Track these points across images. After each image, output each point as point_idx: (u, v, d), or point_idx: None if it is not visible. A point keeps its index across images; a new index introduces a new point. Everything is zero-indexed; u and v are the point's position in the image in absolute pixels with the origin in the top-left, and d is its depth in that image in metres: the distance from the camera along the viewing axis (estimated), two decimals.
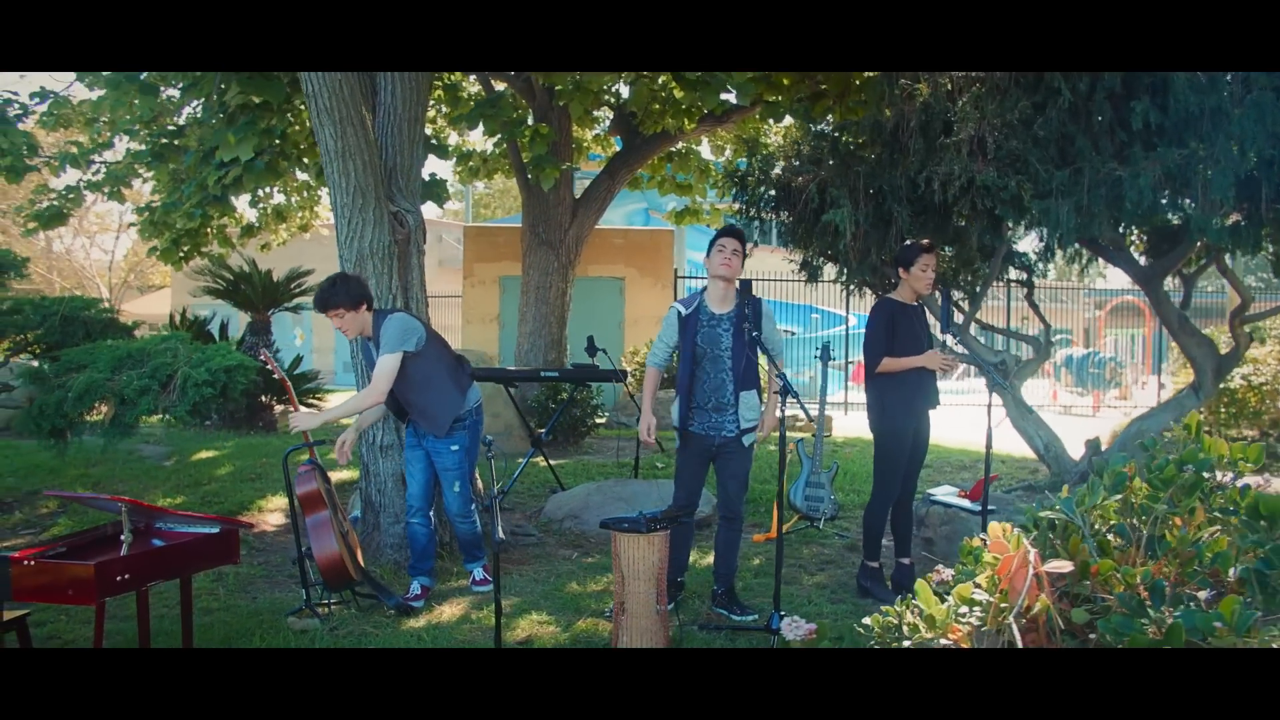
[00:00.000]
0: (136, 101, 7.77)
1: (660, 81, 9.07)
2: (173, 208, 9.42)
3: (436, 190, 9.75)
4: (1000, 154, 5.71)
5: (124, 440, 5.24)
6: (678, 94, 8.96)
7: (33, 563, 3.59)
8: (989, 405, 4.98)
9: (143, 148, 9.53)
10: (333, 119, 5.07)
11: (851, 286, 7.36)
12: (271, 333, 9.91)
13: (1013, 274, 7.89)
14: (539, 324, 10.97)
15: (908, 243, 5.15)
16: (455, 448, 4.91)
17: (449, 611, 4.68)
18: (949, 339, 5.09)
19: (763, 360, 4.57)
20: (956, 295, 7.27)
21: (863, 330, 5.34)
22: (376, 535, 5.65)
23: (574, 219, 11.15)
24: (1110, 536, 2.17)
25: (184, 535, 4.09)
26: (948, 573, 2.68)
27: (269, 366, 4.66)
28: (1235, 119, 5.29)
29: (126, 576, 3.66)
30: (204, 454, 8.03)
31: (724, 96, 8.28)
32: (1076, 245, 7.28)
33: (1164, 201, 5.57)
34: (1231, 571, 1.95)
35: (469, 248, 13.92)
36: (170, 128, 9.53)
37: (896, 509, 5.15)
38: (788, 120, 8.62)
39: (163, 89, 8.84)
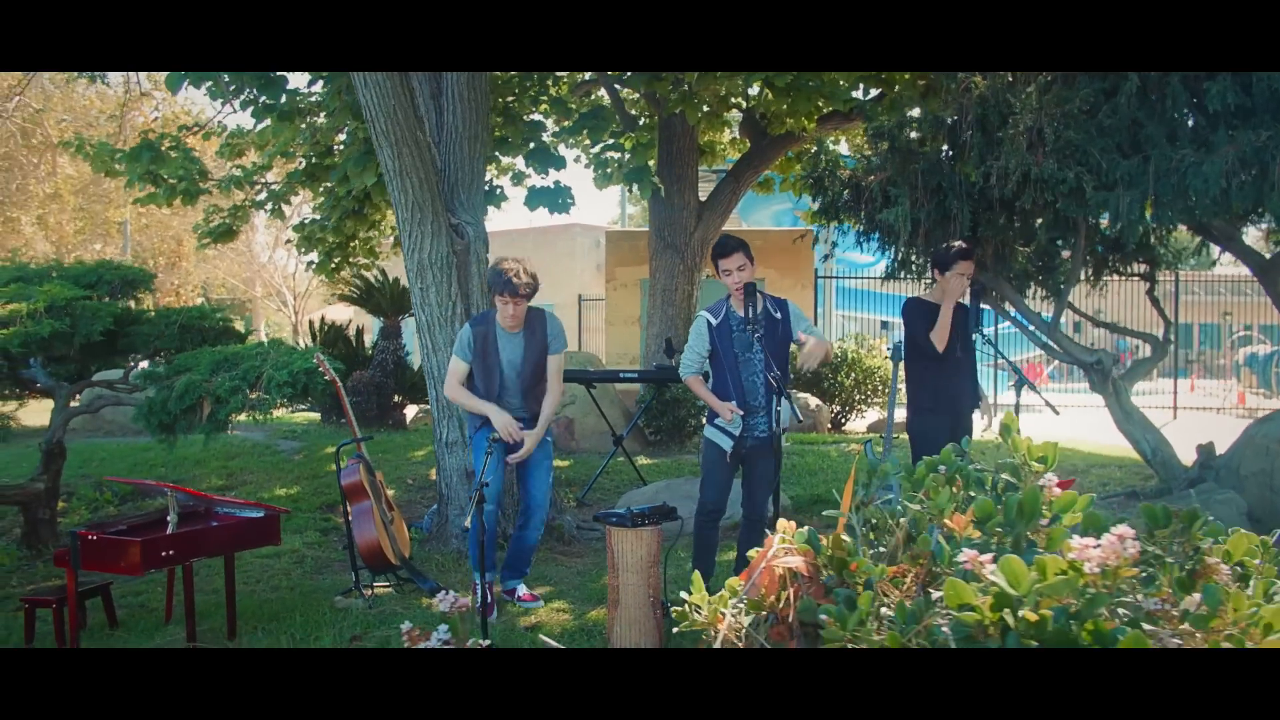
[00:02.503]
0: (270, 126, 8.62)
1: (756, 88, 9.13)
2: (321, 224, 10.34)
3: (560, 199, 10.22)
4: (1059, 145, 5.49)
5: (220, 435, 5.88)
6: (769, 97, 8.99)
7: (95, 538, 4.18)
8: (1017, 404, 4.85)
9: (297, 168, 10.48)
10: (389, 140, 5.51)
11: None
12: (401, 336, 10.66)
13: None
14: (665, 326, 11.19)
15: (945, 245, 5.05)
16: (549, 436, 5.09)
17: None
18: (977, 339, 4.98)
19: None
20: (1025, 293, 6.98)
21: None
22: (445, 526, 6.07)
23: (699, 222, 11.31)
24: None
25: (232, 518, 4.62)
26: None
27: (321, 369, 5.14)
28: None
29: (170, 553, 4.19)
30: (330, 449, 8.77)
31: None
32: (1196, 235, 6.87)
33: (1243, 188, 5.17)
34: None
35: (610, 252, 14.35)
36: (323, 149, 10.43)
37: None
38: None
39: (312, 116, 9.76)
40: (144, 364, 6.54)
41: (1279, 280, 6.54)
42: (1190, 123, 5.69)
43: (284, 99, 7.95)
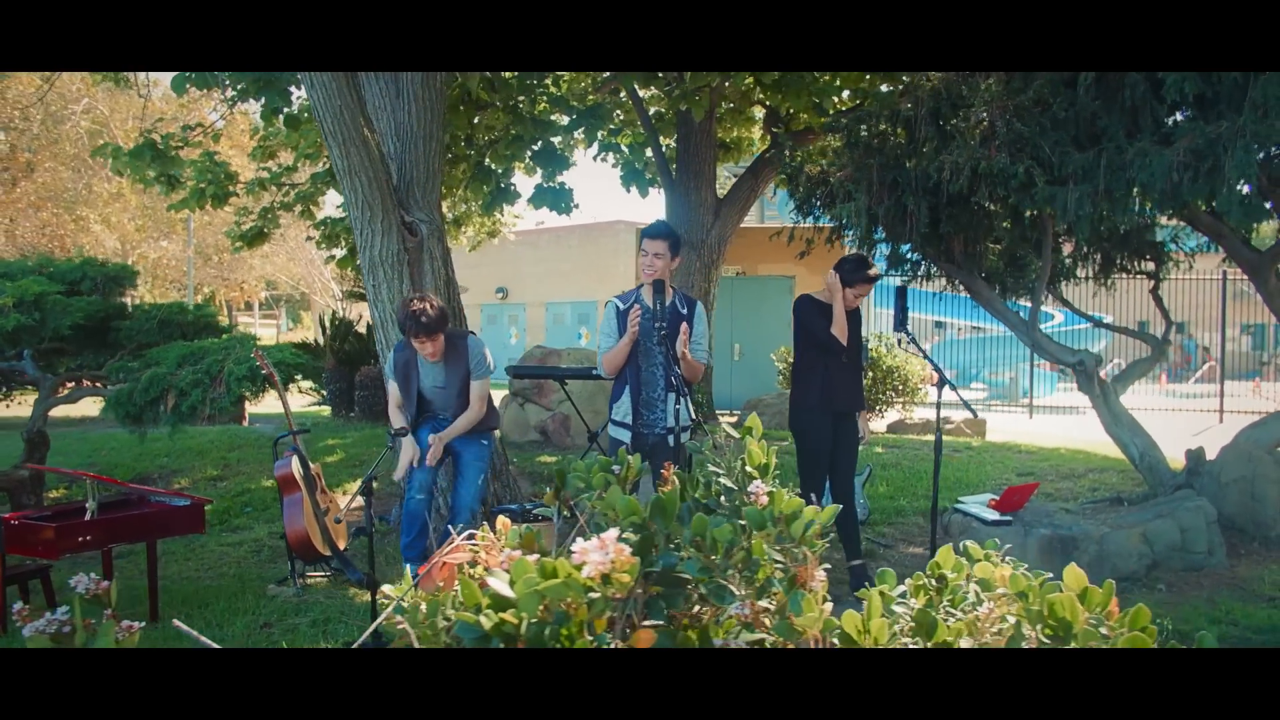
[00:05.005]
0: (282, 128, 8.87)
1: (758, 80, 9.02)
2: (345, 224, 10.60)
3: (562, 200, 10.27)
4: (1010, 138, 5.32)
5: (184, 427, 6.10)
6: (761, 94, 8.90)
7: (16, 523, 4.38)
8: (938, 405, 4.73)
9: (321, 169, 10.75)
10: (337, 140, 5.62)
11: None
12: None
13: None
14: None
15: (856, 258, 4.95)
16: (485, 441, 5.23)
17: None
18: (902, 338, 4.87)
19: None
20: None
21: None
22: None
23: (716, 219, 11.24)
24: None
25: (160, 507, 4.79)
26: None
27: (259, 363, 5.29)
28: (1260, 83, 4.63)
29: (88, 538, 4.37)
30: (329, 441, 9.00)
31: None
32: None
33: (1195, 183, 4.94)
34: None
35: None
36: None
37: (839, 514, 4.96)
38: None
39: None
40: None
41: (1269, 278, 6.22)
42: (1163, 119, 5.47)
43: (281, 101, 8.13)
